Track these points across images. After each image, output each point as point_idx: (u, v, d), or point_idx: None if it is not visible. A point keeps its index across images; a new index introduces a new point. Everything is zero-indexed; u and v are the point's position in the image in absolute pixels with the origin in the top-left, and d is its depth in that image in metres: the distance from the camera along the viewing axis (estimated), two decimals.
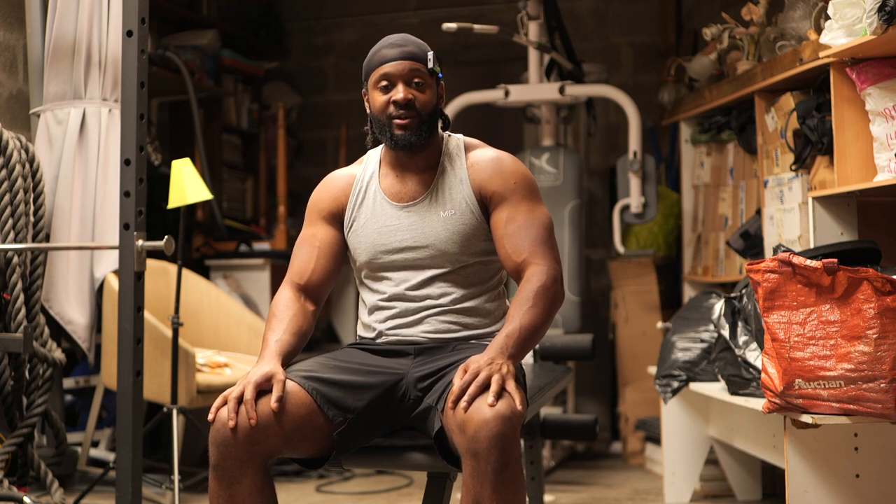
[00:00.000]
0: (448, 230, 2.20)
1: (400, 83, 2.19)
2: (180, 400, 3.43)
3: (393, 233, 2.23)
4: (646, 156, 4.22)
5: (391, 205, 2.25)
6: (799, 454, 2.42)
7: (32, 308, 3.28)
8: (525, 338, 2.06)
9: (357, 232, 2.27)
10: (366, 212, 2.27)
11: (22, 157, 3.26)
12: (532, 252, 2.16)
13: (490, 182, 2.21)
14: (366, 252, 2.24)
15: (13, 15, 3.89)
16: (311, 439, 2.05)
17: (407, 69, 2.19)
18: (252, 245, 4.79)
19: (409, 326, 2.21)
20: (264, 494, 2.01)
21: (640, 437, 4.44)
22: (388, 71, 2.20)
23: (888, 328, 2.24)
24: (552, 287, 2.12)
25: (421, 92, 2.20)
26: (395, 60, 2.20)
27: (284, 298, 2.26)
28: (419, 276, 2.21)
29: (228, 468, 1.97)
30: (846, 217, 2.90)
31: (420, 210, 2.23)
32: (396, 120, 2.19)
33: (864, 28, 2.53)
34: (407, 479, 4.09)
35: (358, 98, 6.50)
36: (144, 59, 2.88)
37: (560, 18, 4.41)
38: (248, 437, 1.96)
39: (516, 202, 2.20)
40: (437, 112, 2.24)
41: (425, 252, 2.21)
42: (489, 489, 1.86)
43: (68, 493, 3.51)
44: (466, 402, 1.89)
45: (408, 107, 2.18)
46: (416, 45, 2.23)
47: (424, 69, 2.20)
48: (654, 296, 4.57)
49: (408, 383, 2.12)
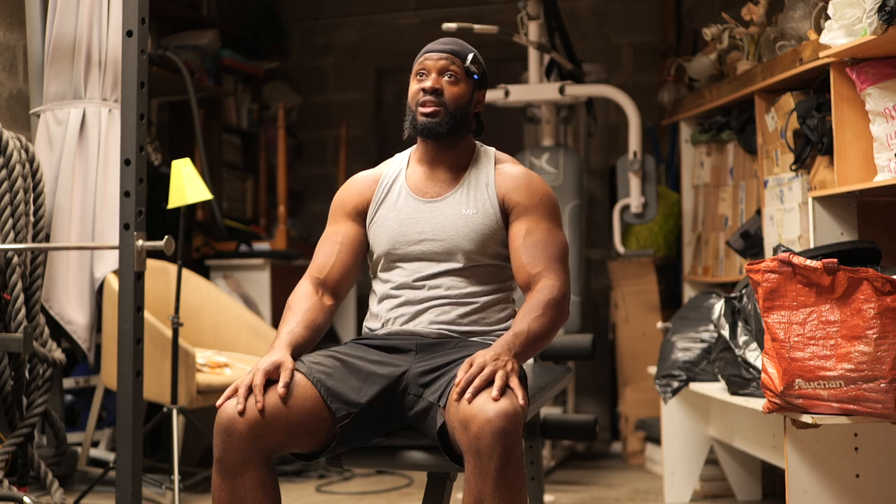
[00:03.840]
0: (467, 227, 2.24)
1: (433, 73, 2.27)
2: (180, 400, 3.43)
3: (413, 224, 2.27)
4: (646, 156, 4.22)
5: (415, 199, 2.30)
6: (799, 454, 2.42)
7: (32, 308, 3.28)
8: (531, 341, 2.09)
9: (378, 223, 2.31)
10: (389, 205, 2.31)
11: (22, 157, 3.26)
12: (546, 267, 2.20)
13: (516, 193, 2.26)
14: (385, 242, 2.28)
15: (13, 15, 3.89)
16: (315, 433, 2.06)
17: (442, 62, 2.27)
18: (252, 245, 4.79)
19: (414, 317, 2.23)
20: (267, 489, 2.01)
21: (640, 437, 4.44)
22: (425, 63, 2.29)
23: (888, 328, 2.25)
24: (562, 302, 2.17)
25: (451, 84, 2.26)
26: (434, 53, 2.28)
27: (302, 292, 2.28)
28: (432, 268, 2.24)
29: (232, 461, 1.98)
30: (846, 217, 2.90)
31: (443, 206, 2.27)
32: (421, 107, 2.26)
33: (864, 28, 2.53)
34: (407, 479, 4.09)
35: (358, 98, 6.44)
36: (144, 59, 2.89)
37: (560, 18, 4.41)
38: (253, 430, 1.97)
39: (538, 218, 2.25)
40: (467, 111, 2.29)
41: (441, 245, 2.24)
42: (492, 486, 1.87)
43: (68, 493, 3.51)
44: (471, 394, 1.91)
45: (434, 94, 2.25)
46: (459, 45, 2.31)
47: (460, 65, 2.27)
48: (654, 296, 4.57)
49: (409, 379, 2.13)
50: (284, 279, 4.69)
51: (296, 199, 5.81)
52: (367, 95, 5.93)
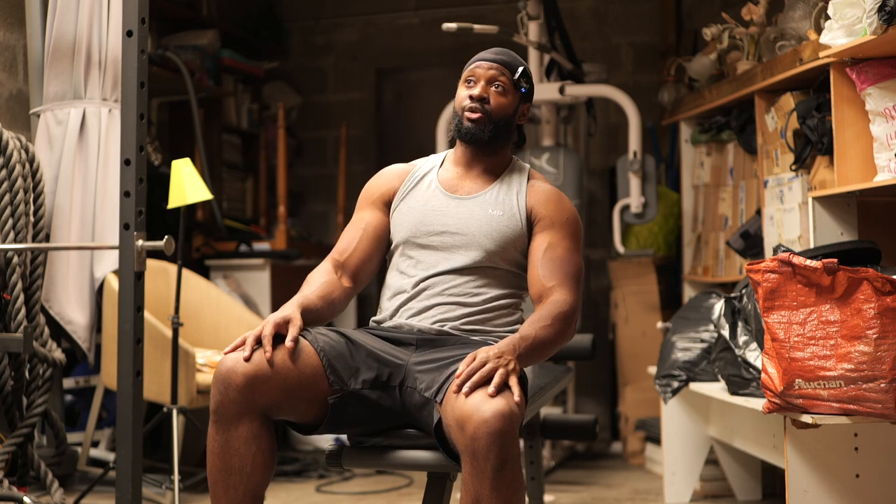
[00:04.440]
0: (491, 227, 2.27)
1: (482, 81, 2.31)
2: (180, 400, 3.43)
3: (438, 217, 2.30)
4: (646, 156, 4.22)
5: (444, 194, 2.34)
6: (799, 454, 2.42)
7: (32, 308, 3.28)
8: (536, 347, 2.11)
9: (402, 210, 2.34)
10: (416, 195, 2.35)
11: (22, 157, 3.26)
12: (561, 283, 2.23)
13: (544, 207, 2.31)
14: (406, 229, 2.31)
15: (13, 15, 3.89)
16: (310, 401, 2.07)
17: (492, 71, 2.31)
18: (252, 245, 4.79)
19: (419, 312, 2.24)
20: (260, 443, 2.02)
21: (640, 437, 4.44)
22: (476, 70, 2.33)
23: (888, 328, 2.25)
24: (571, 317, 2.20)
25: (498, 95, 2.31)
26: (485, 62, 2.33)
27: (320, 270, 2.32)
28: (448, 263, 2.27)
29: (227, 412, 2.00)
30: (846, 217, 2.90)
31: (470, 204, 2.31)
32: (468, 113, 2.30)
33: (864, 28, 2.53)
34: (407, 479, 4.09)
35: (358, 98, 6.46)
36: (144, 59, 2.89)
37: (560, 18, 4.41)
38: (250, 383, 1.99)
39: (561, 236, 2.29)
40: (510, 122, 2.34)
41: (462, 240, 2.27)
42: (489, 488, 1.87)
43: (68, 493, 3.51)
44: (469, 389, 1.92)
45: (481, 101, 2.29)
46: (510, 57, 2.35)
47: (508, 77, 2.32)
48: (654, 296, 4.57)
49: (407, 371, 2.14)
50: (284, 279, 4.69)
51: (296, 199, 5.81)
52: (367, 95, 5.92)
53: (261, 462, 2.03)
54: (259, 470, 2.03)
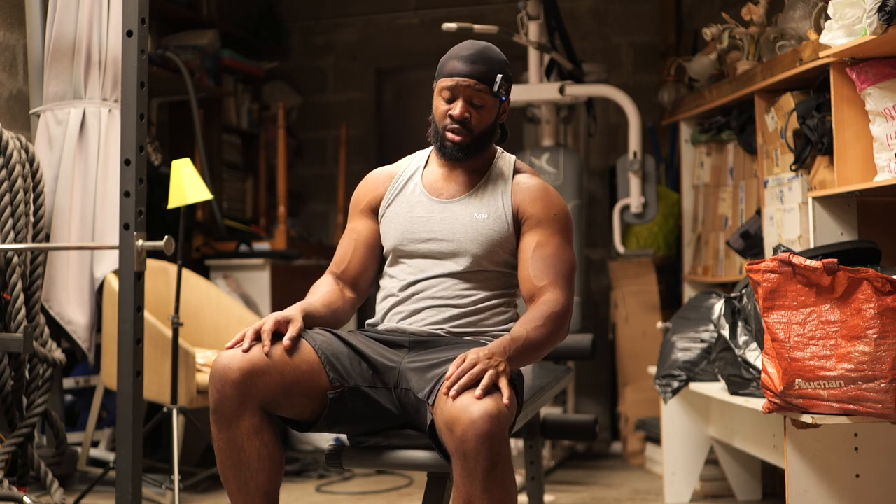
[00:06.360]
0: (477, 231, 2.25)
1: (461, 99, 2.24)
2: (180, 400, 3.43)
3: (423, 223, 2.28)
4: (646, 156, 4.22)
5: (428, 198, 2.31)
6: (799, 454, 2.42)
7: (32, 308, 3.28)
8: (527, 348, 2.09)
9: (389, 218, 2.33)
10: (401, 201, 2.33)
11: (22, 157, 3.26)
12: (552, 282, 2.20)
13: (531, 204, 2.27)
14: (394, 237, 2.30)
15: (13, 15, 3.89)
16: (309, 396, 2.08)
17: (470, 90, 2.23)
18: (252, 245, 4.79)
19: (410, 315, 2.25)
20: (263, 437, 2.03)
21: (640, 437, 4.44)
22: (452, 86, 2.24)
23: (888, 328, 2.24)
24: (563, 317, 2.18)
25: (478, 112, 2.25)
26: (461, 76, 2.23)
27: (323, 281, 2.34)
28: (437, 268, 2.26)
29: (225, 409, 2.01)
30: (846, 217, 2.90)
31: (455, 208, 2.28)
32: (449, 133, 2.26)
33: (864, 28, 2.53)
34: (407, 479, 4.09)
35: (358, 98, 6.45)
36: (144, 59, 2.89)
37: (560, 18, 4.41)
38: (245, 377, 2.00)
39: (551, 232, 2.25)
40: (493, 127, 2.29)
41: (449, 246, 2.25)
42: (480, 489, 1.88)
43: (68, 493, 3.51)
44: (456, 391, 1.92)
45: (462, 123, 2.24)
46: (487, 64, 2.24)
47: (488, 91, 2.24)
48: (654, 296, 4.57)
49: (401, 373, 2.15)
50: (284, 279, 4.69)
51: (296, 199, 5.81)
52: (367, 95, 5.92)
53: (266, 456, 2.03)
54: (266, 464, 2.04)
